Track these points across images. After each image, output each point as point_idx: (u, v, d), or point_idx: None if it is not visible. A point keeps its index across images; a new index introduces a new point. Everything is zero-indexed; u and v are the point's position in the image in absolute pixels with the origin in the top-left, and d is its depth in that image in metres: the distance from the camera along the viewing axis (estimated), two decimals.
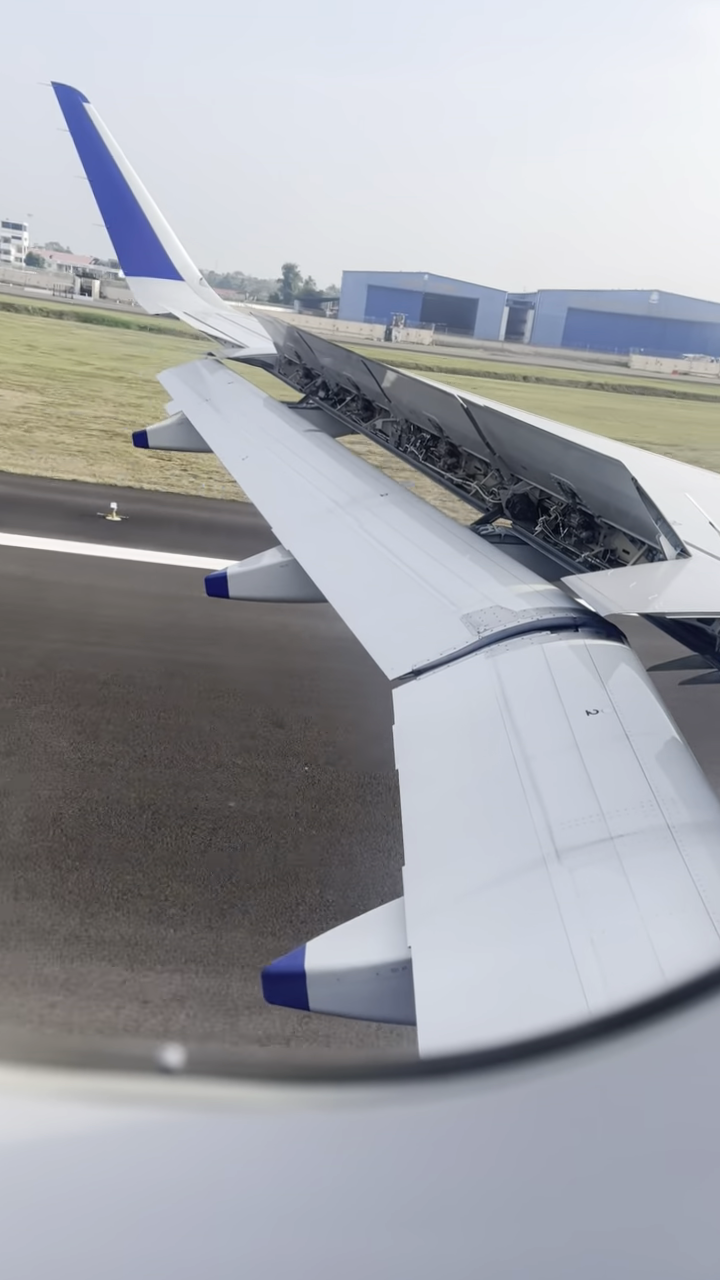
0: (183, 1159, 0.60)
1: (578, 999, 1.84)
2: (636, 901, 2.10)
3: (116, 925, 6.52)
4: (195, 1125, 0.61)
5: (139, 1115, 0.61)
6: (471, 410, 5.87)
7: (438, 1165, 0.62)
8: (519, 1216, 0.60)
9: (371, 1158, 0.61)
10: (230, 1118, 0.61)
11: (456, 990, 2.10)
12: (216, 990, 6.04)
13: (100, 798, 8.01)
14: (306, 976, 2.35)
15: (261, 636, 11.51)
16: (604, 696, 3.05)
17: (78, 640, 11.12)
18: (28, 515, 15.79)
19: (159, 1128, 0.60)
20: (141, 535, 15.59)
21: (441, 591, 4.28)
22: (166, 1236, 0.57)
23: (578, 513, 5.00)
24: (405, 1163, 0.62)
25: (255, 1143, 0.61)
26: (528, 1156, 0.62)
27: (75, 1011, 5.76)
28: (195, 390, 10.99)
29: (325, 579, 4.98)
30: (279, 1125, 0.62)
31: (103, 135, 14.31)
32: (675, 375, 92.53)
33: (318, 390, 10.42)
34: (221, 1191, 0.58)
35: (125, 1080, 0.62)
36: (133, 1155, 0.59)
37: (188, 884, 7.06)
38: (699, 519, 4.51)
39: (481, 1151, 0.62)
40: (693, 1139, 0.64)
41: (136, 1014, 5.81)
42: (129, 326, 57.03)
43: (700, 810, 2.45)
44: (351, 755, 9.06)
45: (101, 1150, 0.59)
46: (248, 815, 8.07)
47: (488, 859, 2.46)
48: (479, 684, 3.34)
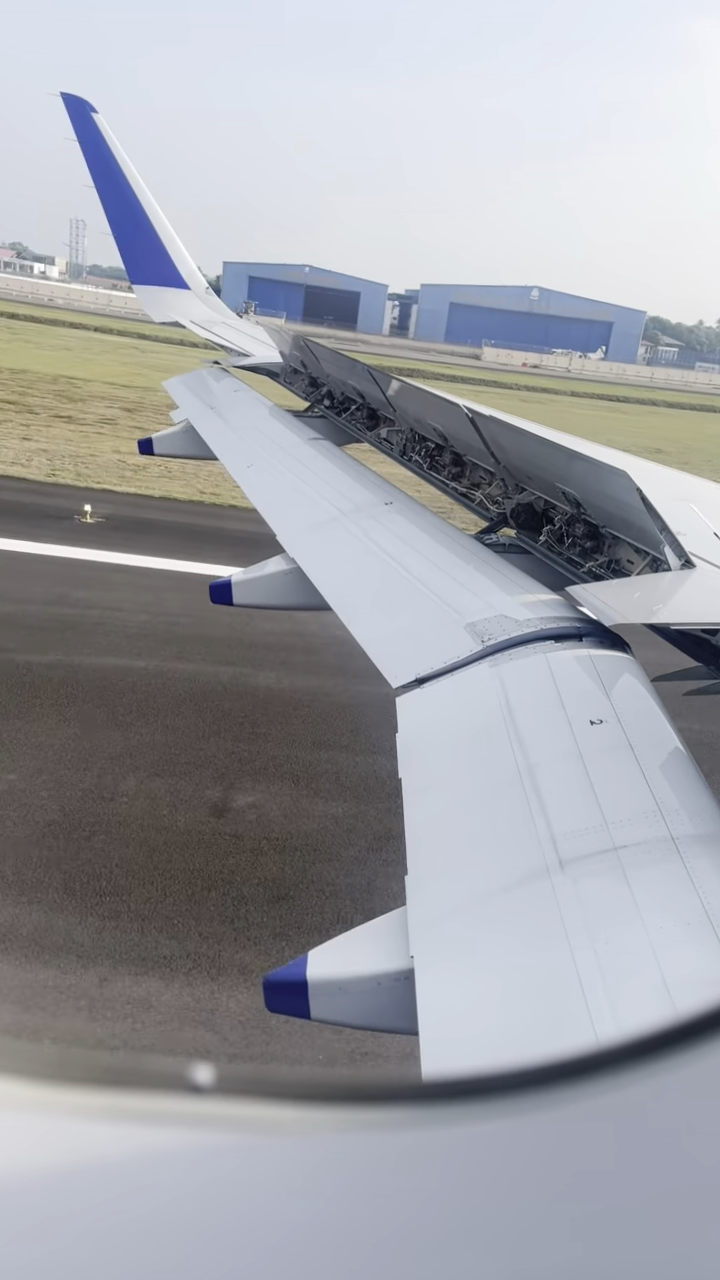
0: (210, 1178, 0.59)
1: (581, 1010, 1.83)
2: (640, 913, 2.09)
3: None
4: (225, 1145, 0.60)
5: (168, 1134, 0.60)
6: (476, 420, 5.88)
7: (453, 1190, 0.61)
8: (535, 1244, 0.60)
9: (387, 1180, 0.61)
10: (259, 1137, 0.61)
11: (459, 1000, 2.09)
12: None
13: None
14: (308, 985, 2.35)
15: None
16: (608, 706, 3.05)
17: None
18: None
19: (187, 1147, 0.60)
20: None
21: (445, 600, 4.28)
22: (190, 1256, 0.56)
23: (582, 522, 5.00)
24: (420, 1186, 0.61)
25: (283, 1162, 0.61)
26: (542, 1186, 0.62)
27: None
28: (201, 398, 11.03)
29: (329, 587, 4.98)
30: (307, 1145, 0.61)
31: (110, 145, 14.39)
32: (525, 368, 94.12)
33: (323, 399, 10.45)
34: (246, 1211, 0.58)
35: (154, 1098, 0.62)
36: (161, 1174, 0.59)
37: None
38: (704, 529, 4.52)
39: (496, 1178, 0.62)
40: (704, 1176, 0.63)
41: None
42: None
43: (704, 822, 2.44)
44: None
45: (129, 1169, 0.59)
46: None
47: (491, 869, 2.45)
48: (483, 693, 3.33)
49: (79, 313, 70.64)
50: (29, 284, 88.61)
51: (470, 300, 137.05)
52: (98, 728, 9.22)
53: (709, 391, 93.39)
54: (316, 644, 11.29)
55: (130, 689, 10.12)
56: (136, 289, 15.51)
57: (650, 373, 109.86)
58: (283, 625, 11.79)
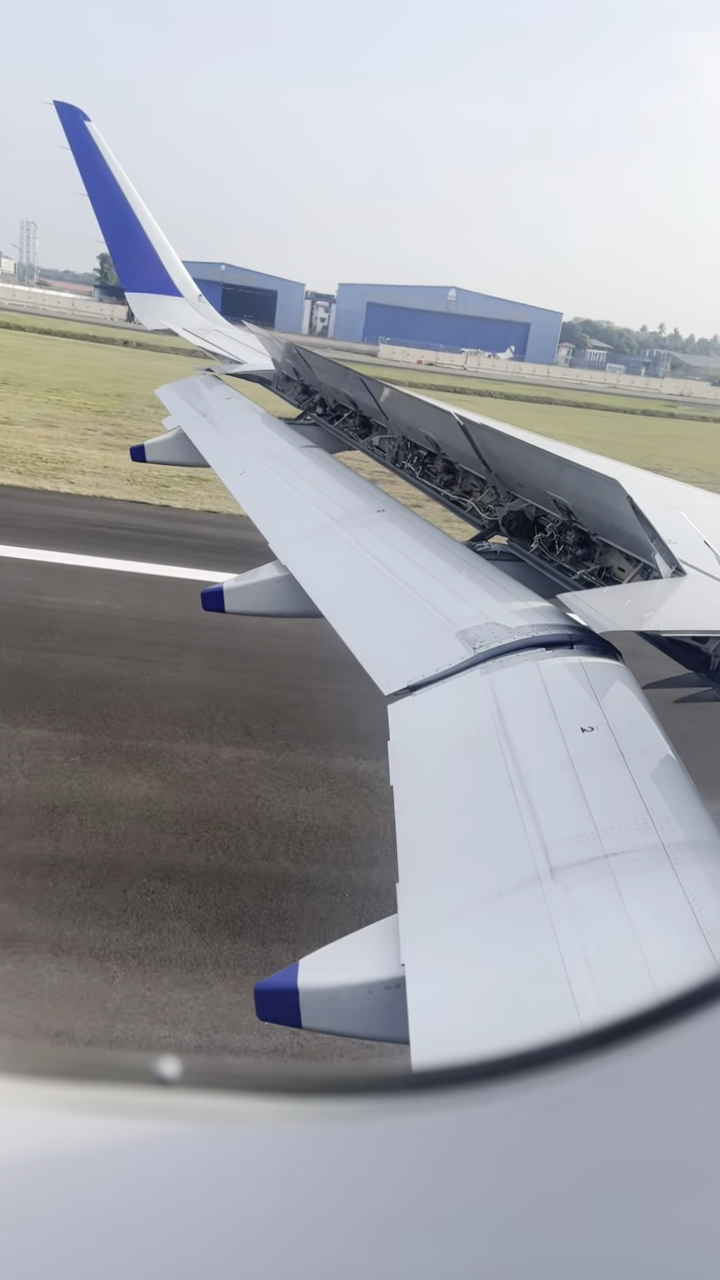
0: (178, 1170, 0.60)
1: (571, 1017, 1.83)
2: (631, 920, 2.10)
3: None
4: (191, 1136, 0.61)
5: (135, 1126, 0.61)
6: (468, 428, 5.91)
7: (432, 1177, 0.62)
8: (512, 1228, 0.60)
9: (366, 1169, 0.62)
10: (226, 1129, 0.61)
11: (450, 1008, 2.09)
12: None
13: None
14: (299, 993, 2.34)
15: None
16: (599, 714, 3.06)
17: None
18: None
19: (155, 1139, 0.61)
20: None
21: (437, 607, 4.29)
22: (160, 1247, 0.57)
23: (573, 530, 5.03)
24: (400, 1174, 0.62)
25: (250, 1154, 0.61)
26: (521, 1169, 0.62)
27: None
28: (193, 405, 11.05)
29: (321, 594, 4.99)
30: (275, 1136, 0.62)
31: (104, 153, 14.45)
32: (420, 365, 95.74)
33: (315, 406, 10.48)
34: (215, 1203, 0.58)
35: (122, 1091, 0.62)
36: (129, 1166, 0.59)
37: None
38: (694, 537, 4.54)
39: (475, 1163, 0.63)
40: (685, 1150, 0.64)
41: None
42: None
43: (695, 829, 2.45)
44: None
45: (97, 1161, 0.59)
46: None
47: (482, 876, 2.45)
48: (474, 700, 3.34)
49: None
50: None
51: (388, 300, 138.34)
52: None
53: (601, 390, 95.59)
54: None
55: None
56: (129, 296, 15.57)
57: (560, 373, 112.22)
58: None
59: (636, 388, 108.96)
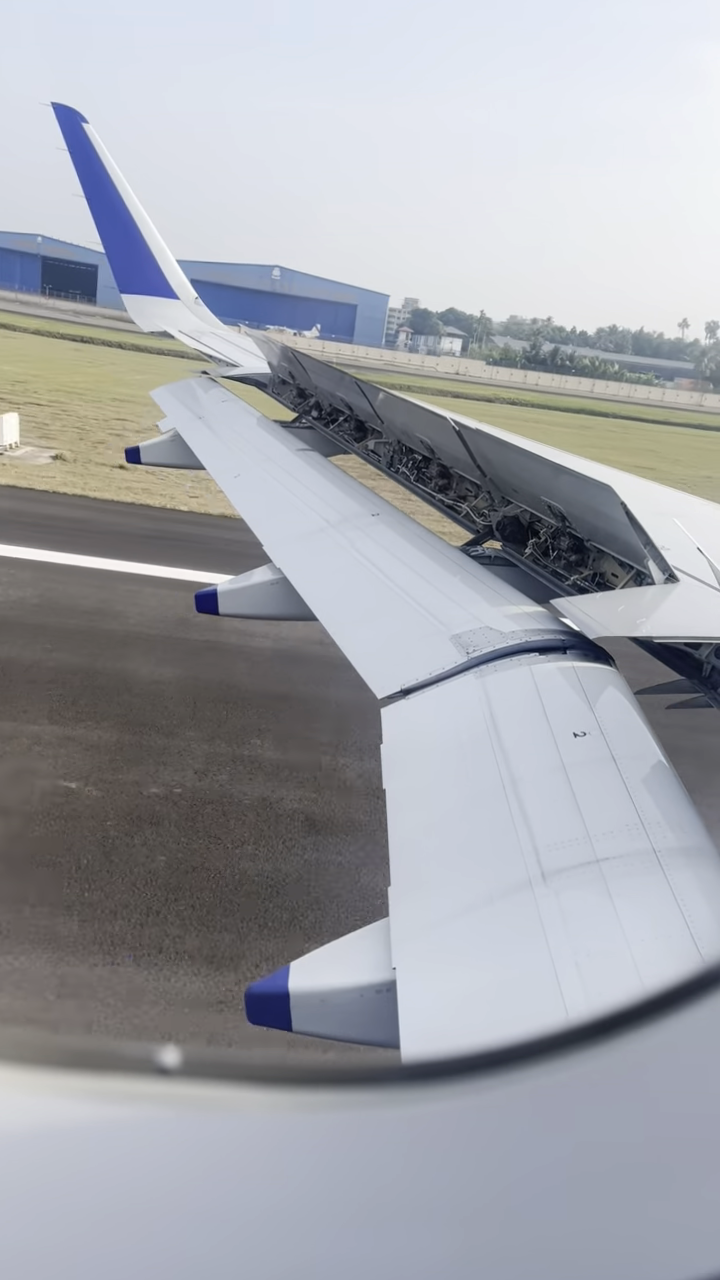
0: (177, 1158, 0.60)
1: (562, 1020, 1.83)
2: (621, 925, 2.10)
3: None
4: (190, 1125, 0.61)
5: (135, 1114, 0.61)
6: (463, 433, 5.92)
7: (426, 1165, 0.63)
8: (504, 1214, 0.61)
9: (362, 1158, 0.62)
10: (224, 1118, 0.62)
11: (440, 1012, 2.08)
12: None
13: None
14: (290, 997, 2.33)
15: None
16: (591, 719, 3.06)
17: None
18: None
19: (155, 1127, 0.61)
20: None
21: (431, 611, 4.29)
22: (159, 1235, 0.57)
23: (567, 536, 5.04)
24: (395, 1162, 0.62)
25: (248, 1143, 0.62)
26: (512, 1157, 0.63)
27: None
28: (188, 408, 11.03)
29: (315, 597, 4.98)
30: (272, 1125, 0.62)
31: (101, 156, 14.44)
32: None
33: (311, 410, 10.48)
34: (214, 1190, 0.59)
35: (121, 1080, 0.62)
36: (128, 1154, 0.60)
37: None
38: (687, 544, 4.55)
39: (467, 1152, 0.63)
40: (675, 1138, 0.65)
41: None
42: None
43: (685, 834, 2.45)
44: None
45: (97, 1149, 0.59)
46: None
47: (474, 880, 2.45)
48: (467, 704, 3.34)
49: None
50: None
51: (213, 278, 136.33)
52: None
53: (410, 371, 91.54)
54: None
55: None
56: (125, 298, 15.54)
57: (378, 354, 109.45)
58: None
59: (426, 366, 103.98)
